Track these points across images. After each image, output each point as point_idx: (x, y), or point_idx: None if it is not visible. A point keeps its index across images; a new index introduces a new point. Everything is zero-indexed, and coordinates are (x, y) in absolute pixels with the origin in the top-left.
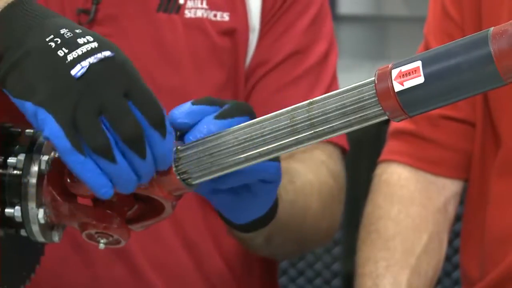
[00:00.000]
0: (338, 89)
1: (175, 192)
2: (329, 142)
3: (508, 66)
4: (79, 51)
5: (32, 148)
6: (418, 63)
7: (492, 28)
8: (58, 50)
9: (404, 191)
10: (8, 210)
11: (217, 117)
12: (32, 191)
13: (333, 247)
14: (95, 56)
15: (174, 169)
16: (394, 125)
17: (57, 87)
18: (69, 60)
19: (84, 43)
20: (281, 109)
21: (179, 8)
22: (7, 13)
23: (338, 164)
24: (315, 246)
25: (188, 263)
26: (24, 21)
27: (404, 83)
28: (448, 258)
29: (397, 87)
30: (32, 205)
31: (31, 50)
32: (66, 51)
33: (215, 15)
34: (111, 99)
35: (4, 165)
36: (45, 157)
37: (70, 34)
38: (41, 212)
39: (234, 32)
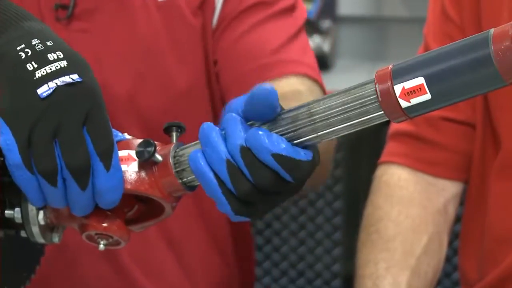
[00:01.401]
0: (305, 42)
1: (175, 193)
2: (305, 75)
3: (509, 67)
4: (47, 69)
5: None
6: (421, 80)
7: (492, 29)
8: (27, 63)
9: (404, 192)
10: (8, 212)
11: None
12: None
13: (333, 248)
14: (63, 79)
15: (174, 170)
16: (394, 126)
17: (21, 103)
18: (37, 77)
19: (54, 60)
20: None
21: None
22: None
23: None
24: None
25: (171, 261)
26: None
27: (411, 100)
28: (448, 259)
29: (404, 104)
30: (32, 206)
31: (2, 55)
32: (36, 66)
33: None
34: (67, 126)
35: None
36: None
37: (41, 47)
38: (41, 214)
39: (204, 3)
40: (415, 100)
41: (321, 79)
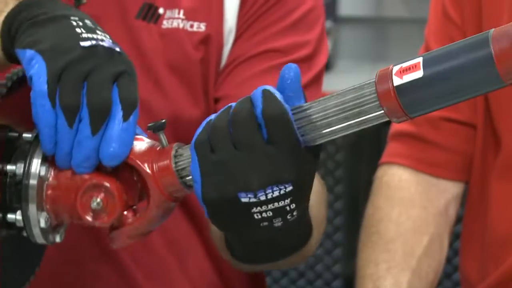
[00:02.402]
0: (318, 94)
1: (175, 193)
2: None
3: (509, 67)
4: (95, 35)
5: (33, 153)
6: (419, 59)
7: (492, 30)
8: (77, 28)
9: (405, 193)
10: (9, 216)
11: None
12: (32, 193)
13: (334, 249)
14: (108, 42)
15: (174, 170)
16: (394, 127)
17: (61, 45)
18: (83, 36)
19: (102, 33)
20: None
21: (158, 18)
22: None
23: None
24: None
25: (171, 262)
26: (54, 2)
27: (404, 76)
28: (448, 260)
29: (396, 81)
30: (33, 208)
31: (54, 18)
32: (84, 31)
33: (191, 26)
34: (99, 71)
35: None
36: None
37: (92, 25)
38: (42, 216)
39: (209, 39)
40: (407, 77)
41: None
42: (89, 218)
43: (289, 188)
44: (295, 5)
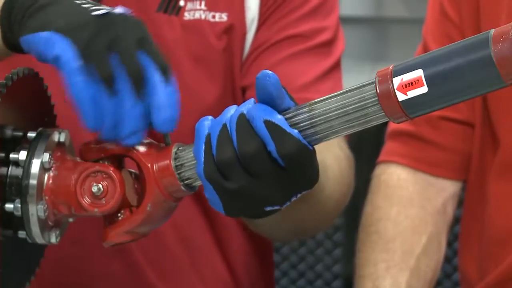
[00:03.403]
0: (339, 79)
1: (176, 194)
2: None
3: (509, 67)
4: (103, 7)
5: (35, 145)
6: (420, 72)
7: (492, 30)
8: (83, 4)
9: (403, 192)
10: (8, 206)
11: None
12: (32, 185)
13: (334, 249)
14: (119, 9)
15: (174, 170)
16: (392, 126)
17: (75, 20)
18: (93, 8)
19: (108, 8)
20: None
21: (179, 10)
22: None
23: (348, 149)
24: (320, 225)
25: (183, 259)
26: None
27: (408, 92)
28: (448, 260)
29: (401, 97)
30: (32, 200)
31: (57, 1)
32: (91, 5)
33: (213, 16)
34: (123, 39)
35: (6, 161)
36: (47, 153)
37: (97, 3)
38: (40, 207)
39: (232, 29)
40: (411, 93)
41: None
42: (88, 205)
43: (308, 189)
44: None
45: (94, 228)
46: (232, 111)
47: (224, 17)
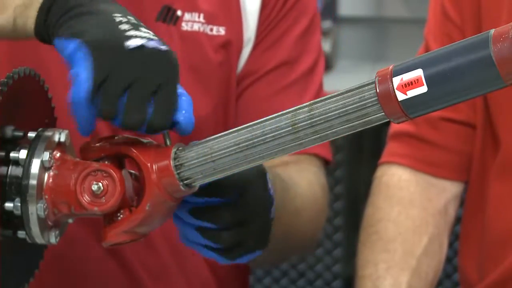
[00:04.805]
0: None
1: (176, 194)
2: (316, 154)
3: (509, 67)
4: (139, 33)
5: (35, 144)
6: (419, 72)
7: (492, 30)
8: (120, 25)
9: (404, 193)
10: (8, 204)
11: None
12: (32, 184)
13: (334, 249)
14: (153, 42)
15: (174, 171)
16: (394, 127)
17: (106, 43)
18: (128, 34)
19: (147, 31)
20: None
21: (177, 20)
22: None
23: (324, 177)
24: (296, 253)
25: (172, 264)
26: None
27: (408, 92)
28: (448, 260)
29: (401, 97)
30: (32, 199)
31: (98, 11)
32: (128, 27)
33: (211, 29)
34: (143, 85)
35: (6, 160)
36: (47, 152)
37: (136, 21)
38: (40, 206)
39: (229, 44)
40: (411, 93)
41: (331, 157)
42: (87, 203)
43: None
44: (305, 7)
45: (89, 229)
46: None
47: (222, 31)
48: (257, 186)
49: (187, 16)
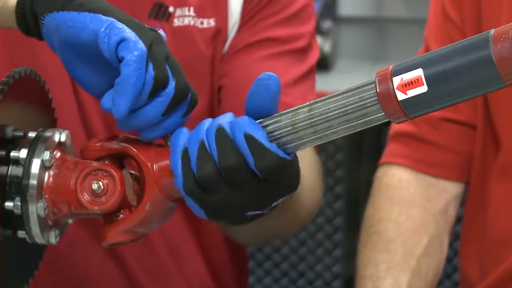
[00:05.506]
0: (312, 87)
1: (175, 193)
2: None
3: (509, 67)
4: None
5: (35, 143)
6: (420, 71)
7: (492, 30)
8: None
9: (405, 193)
10: (8, 204)
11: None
12: (33, 183)
13: (334, 249)
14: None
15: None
16: (394, 127)
17: (136, 22)
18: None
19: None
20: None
21: (169, 16)
22: None
23: (318, 158)
24: (293, 230)
25: (170, 265)
26: None
27: (408, 92)
28: (449, 260)
29: (401, 97)
30: (32, 198)
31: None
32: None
33: (201, 23)
34: (170, 55)
35: (6, 160)
36: (47, 151)
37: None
38: (40, 205)
39: (218, 34)
40: (411, 92)
41: None
42: (88, 202)
43: (290, 194)
44: None
45: (88, 230)
46: (207, 124)
47: (212, 22)
48: None
49: (178, 11)
